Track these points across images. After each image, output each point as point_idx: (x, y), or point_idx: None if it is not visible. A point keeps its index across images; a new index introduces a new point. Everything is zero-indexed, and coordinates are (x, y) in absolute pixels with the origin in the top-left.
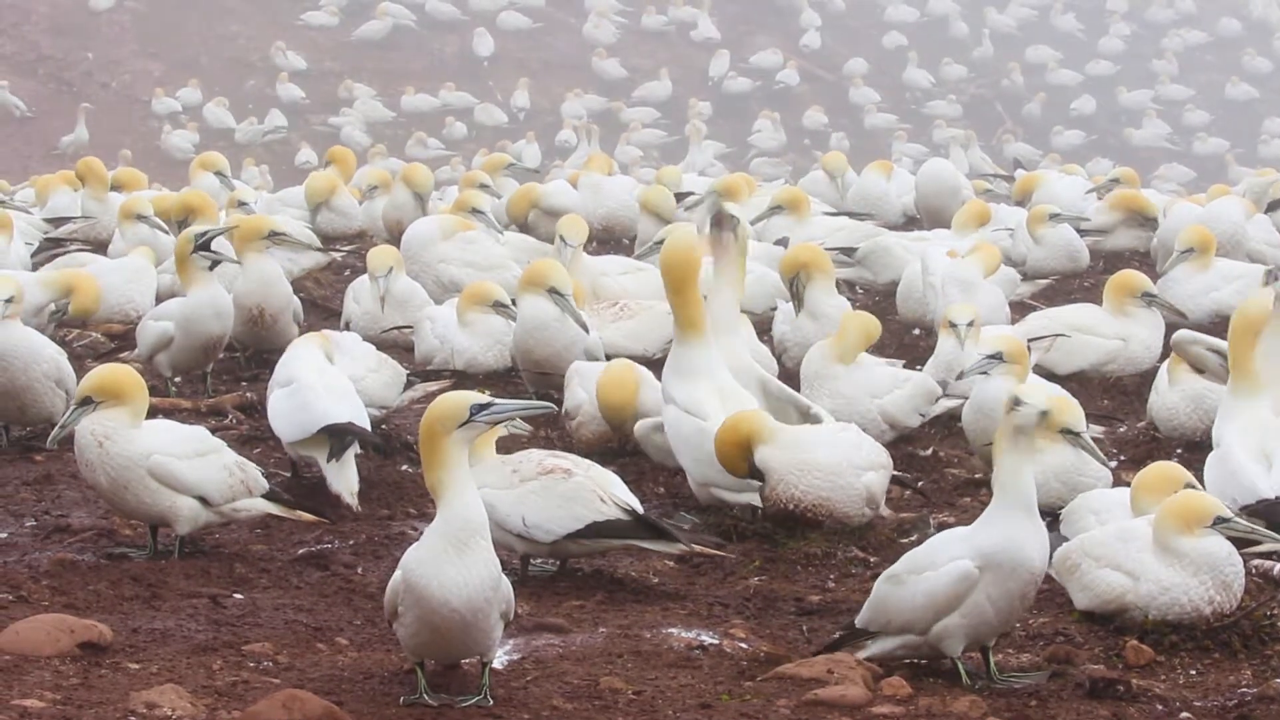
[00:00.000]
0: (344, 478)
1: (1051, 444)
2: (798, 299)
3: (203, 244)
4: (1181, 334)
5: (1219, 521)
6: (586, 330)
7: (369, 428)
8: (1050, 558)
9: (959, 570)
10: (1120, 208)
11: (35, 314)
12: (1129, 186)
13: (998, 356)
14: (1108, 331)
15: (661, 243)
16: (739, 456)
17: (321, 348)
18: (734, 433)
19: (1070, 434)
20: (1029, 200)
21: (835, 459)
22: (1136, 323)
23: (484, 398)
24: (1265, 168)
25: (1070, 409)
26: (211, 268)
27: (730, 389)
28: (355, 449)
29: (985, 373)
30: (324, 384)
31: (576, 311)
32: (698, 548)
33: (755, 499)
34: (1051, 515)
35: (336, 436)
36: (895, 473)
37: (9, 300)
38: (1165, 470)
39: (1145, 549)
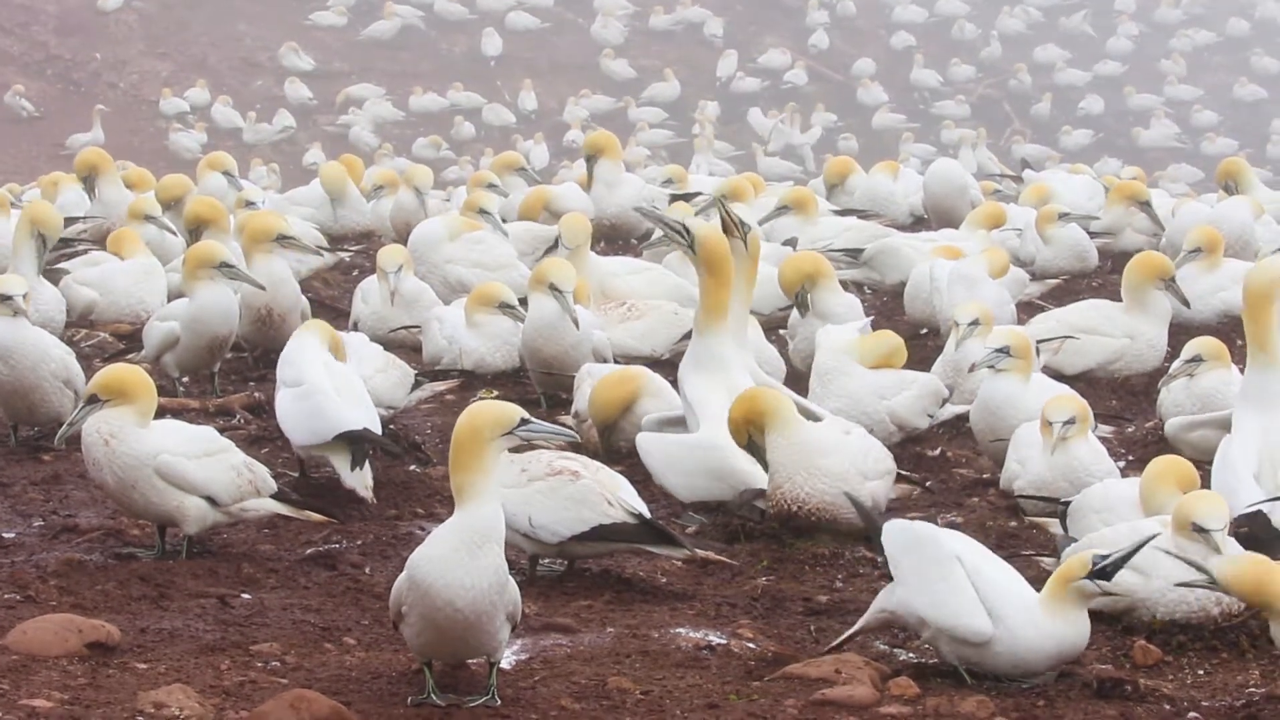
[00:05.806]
0: (359, 474)
1: (1062, 442)
2: (804, 307)
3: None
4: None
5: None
6: (576, 325)
7: (380, 428)
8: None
9: None
10: (1119, 199)
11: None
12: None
13: (1005, 350)
14: (1114, 330)
15: (678, 231)
16: (742, 428)
17: (323, 339)
18: (748, 406)
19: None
20: (1040, 203)
21: (843, 467)
22: (1143, 320)
23: (526, 414)
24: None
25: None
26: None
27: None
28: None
29: (993, 366)
30: (334, 385)
31: (572, 309)
32: (702, 554)
33: (746, 511)
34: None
35: (356, 444)
36: (902, 471)
37: (22, 296)
38: (1173, 464)
39: (1154, 548)
